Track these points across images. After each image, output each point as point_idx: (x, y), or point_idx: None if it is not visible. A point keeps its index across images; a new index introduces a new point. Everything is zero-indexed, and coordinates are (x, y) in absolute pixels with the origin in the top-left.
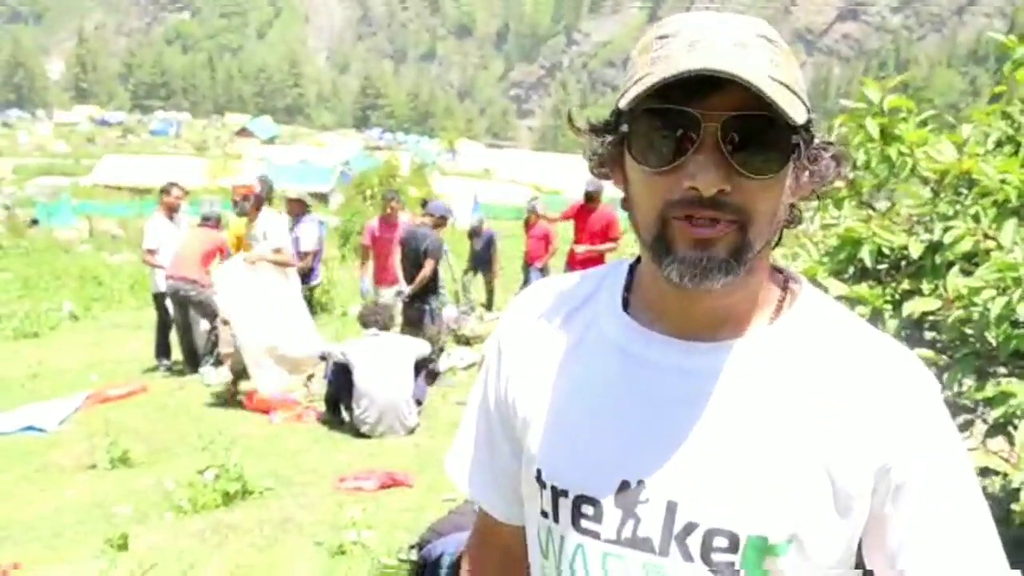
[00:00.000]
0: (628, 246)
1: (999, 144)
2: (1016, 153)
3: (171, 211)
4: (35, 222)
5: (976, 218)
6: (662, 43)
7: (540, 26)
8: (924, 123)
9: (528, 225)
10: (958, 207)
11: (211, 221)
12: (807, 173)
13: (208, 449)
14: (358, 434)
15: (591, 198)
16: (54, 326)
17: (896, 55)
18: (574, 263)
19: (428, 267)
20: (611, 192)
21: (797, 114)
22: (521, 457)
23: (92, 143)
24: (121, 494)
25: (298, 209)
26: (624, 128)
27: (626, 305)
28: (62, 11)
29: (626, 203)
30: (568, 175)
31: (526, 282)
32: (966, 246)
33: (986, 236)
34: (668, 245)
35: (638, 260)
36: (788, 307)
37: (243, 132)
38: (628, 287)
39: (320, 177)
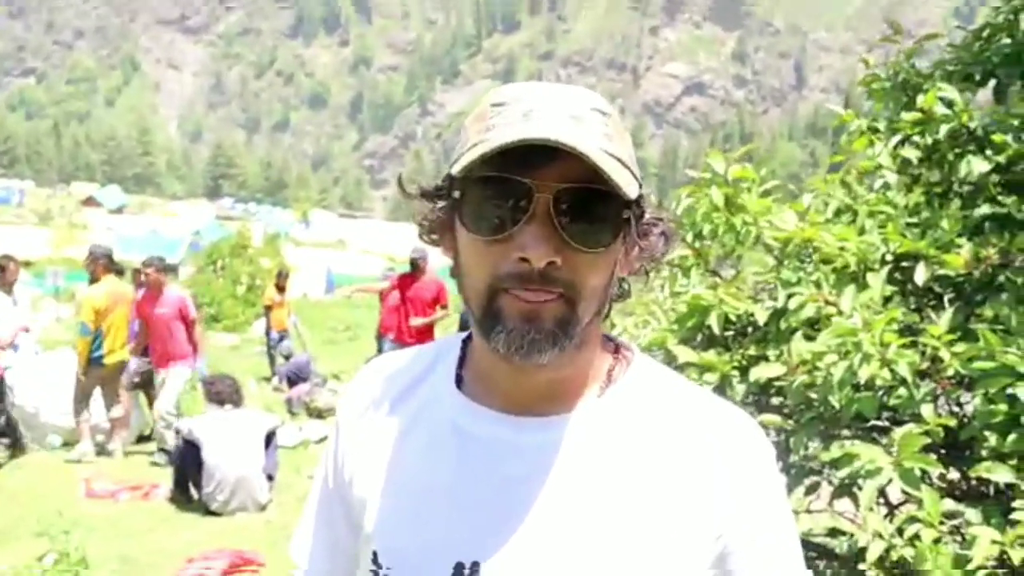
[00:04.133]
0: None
1: (838, 213)
2: (854, 221)
3: (8, 286)
4: None
5: (818, 284)
6: (497, 111)
7: (394, 97)
8: (767, 193)
9: (382, 296)
10: (801, 274)
11: None
12: (636, 248)
13: (47, 532)
14: (207, 511)
15: (416, 267)
16: None
17: (741, 128)
18: (404, 336)
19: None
20: (436, 260)
21: (630, 189)
22: (359, 537)
23: None
24: None
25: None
26: (456, 195)
27: (460, 381)
28: None
29: (455, 271)
30: (422, 246)
31: (379, 352)
32: (809, 312)
33: (827, 302)
34: (496, 317)
35: (470, 336)
36: (619, 377)
37: (90, 201)
38: (461, 363)
39: (170, 248)
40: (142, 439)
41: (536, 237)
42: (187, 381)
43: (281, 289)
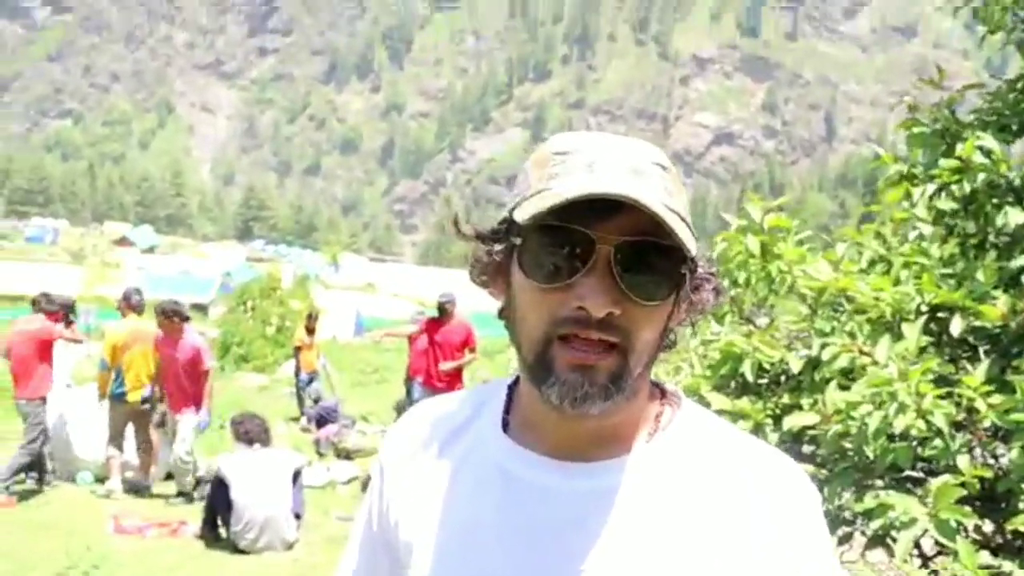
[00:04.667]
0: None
1: (872, 263)
2: (888, 272)
3: None
4: None
5: (852, 334)
6: (560, 159)
7: (425, 143)
8: (800, 243)
9: (411, 339)
10: (835, 324)
11: (51, 310)
12: (687, 302)
13: (76, 567)
14: (235, 550)
15: (444, 311)
16: None
17: (770, 178)
18: (433, 379)
19: None
20: (464, 304)
21: (691, 244)
22: None
23: None
24: None
25: None
26: (516, 240)
27: (506, 426)
28: None
29: (504, 313)
30: (451, 290)
31: (408, 394)
32: (843, 362)
33: (862, 352)
34: (549, 368)
35: (516, 380)
36: (667, 423)
37: (122, 241)
38: (507, 407)
39: (200, 288)
40: (170, 477)
41: (595, 288)
42: (194, 429)
43: (311, 331)
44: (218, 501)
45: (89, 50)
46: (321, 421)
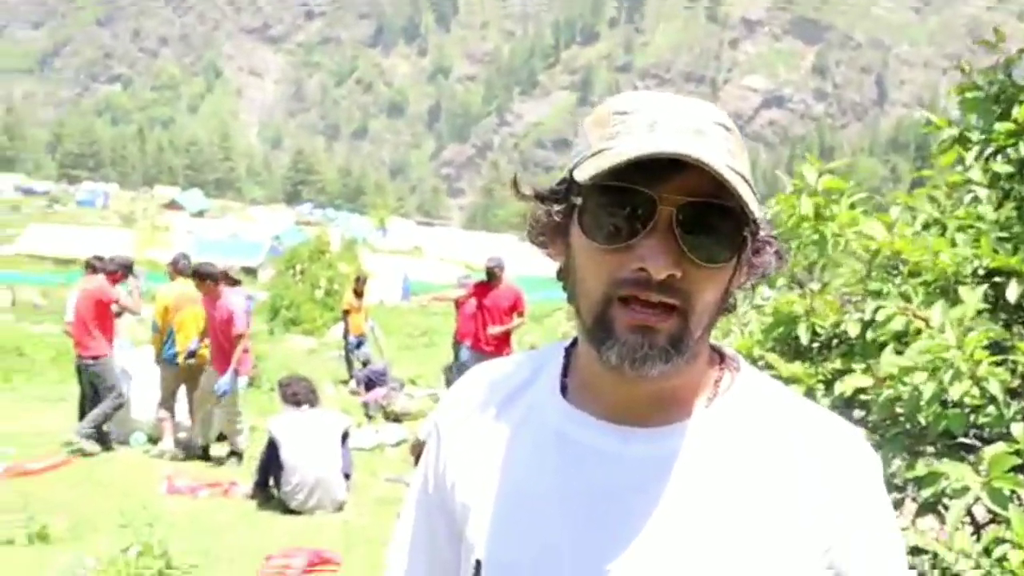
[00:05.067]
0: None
1: (926, 226)
2: (943, 235)
3: None
4: None
5: (906, 297)
6: (620, 119)
7: (472, 106)
8: (852, 206)
9: (459, 303)
10: (889, 286)
11: (111, 270)
12: (748, 265)
13: (131, 525)
14: (286, 510)
15: (493, 276)
16: None
17: (820, 142)
18: (480, 343)
19: None
20: (512, 269)
21: (754, 206)
22: (460, 547)
23: (17, 212)
24: (39, 571)
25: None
26: (576, 200)
27: (564, 390)
28: None
29: (563, 274)
30: (498, 254)
31: (456, 358)
32: (897, 325)
33: (916, 316)
34: (609, 329)
35: (573, 343)
36: (727, 388)
37: (172, 205)
38: (565, 371)
39: (250, 251)
40: (222, 438)
41: (657, 249)
42: (236, 391)
43: (359, 294)
44: (270, 461)
45: (137, 15)
46: (370, 384)
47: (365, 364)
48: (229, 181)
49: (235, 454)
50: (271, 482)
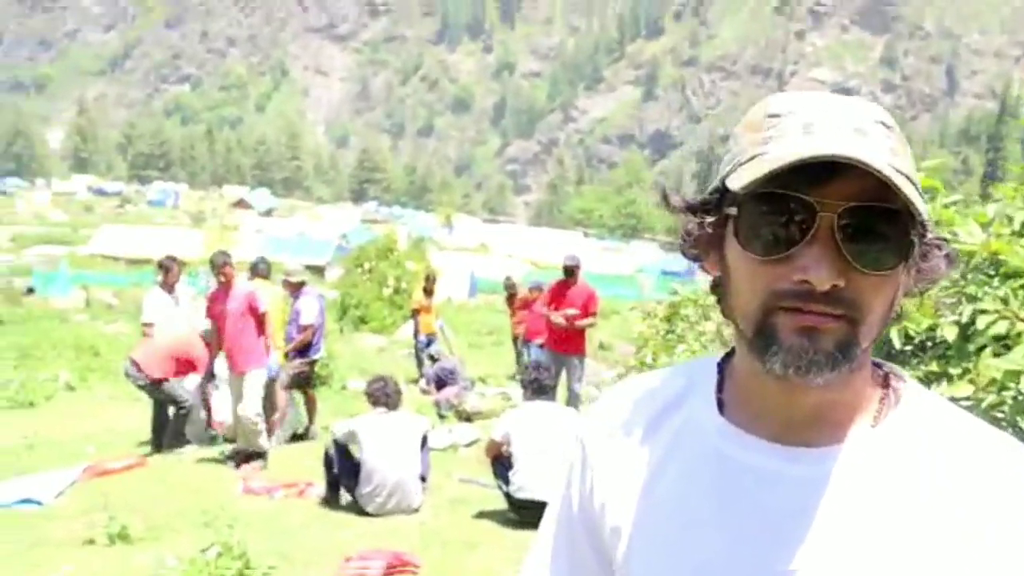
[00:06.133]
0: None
1: None
2: None
3: (170, 286)
4: (31, 291)
5: (1005, 300)
6: (774, 122)
7: (537, 102)
8: (945, 206)
9: (511, 302)
10: (986, 289)
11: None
12: (916, 270)
13: (210, 525)
14: (360, 512)
15: (570, 273)
16: (49, 396)
17: None
18: (552, 343)
19: None
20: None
21: (921, 208)
22: (608, 569)
23: (90, 212)
24: (120, 571)
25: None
26: (730, 210)
27: (720, 407)
28: (64, 81)
29: (718, 287)
30: (564, 250)
31: (518, 357)
32: (1000, 329)
33: (1019, 319)
34: (772, 336)
35: (725, 357)
36: (892, 406)
37: (241, 204)
38: (719, 386)
39: (318, 250)
40: (296, 438)
41: (819, 259)
42: (264, 384)
43: (429, 293)
44: (340, 465)
45: (205, 16)
46: (440, 383)
47: (435, 362)
48: (296, 180)
49: (258, 455)
50: (342, 486)
